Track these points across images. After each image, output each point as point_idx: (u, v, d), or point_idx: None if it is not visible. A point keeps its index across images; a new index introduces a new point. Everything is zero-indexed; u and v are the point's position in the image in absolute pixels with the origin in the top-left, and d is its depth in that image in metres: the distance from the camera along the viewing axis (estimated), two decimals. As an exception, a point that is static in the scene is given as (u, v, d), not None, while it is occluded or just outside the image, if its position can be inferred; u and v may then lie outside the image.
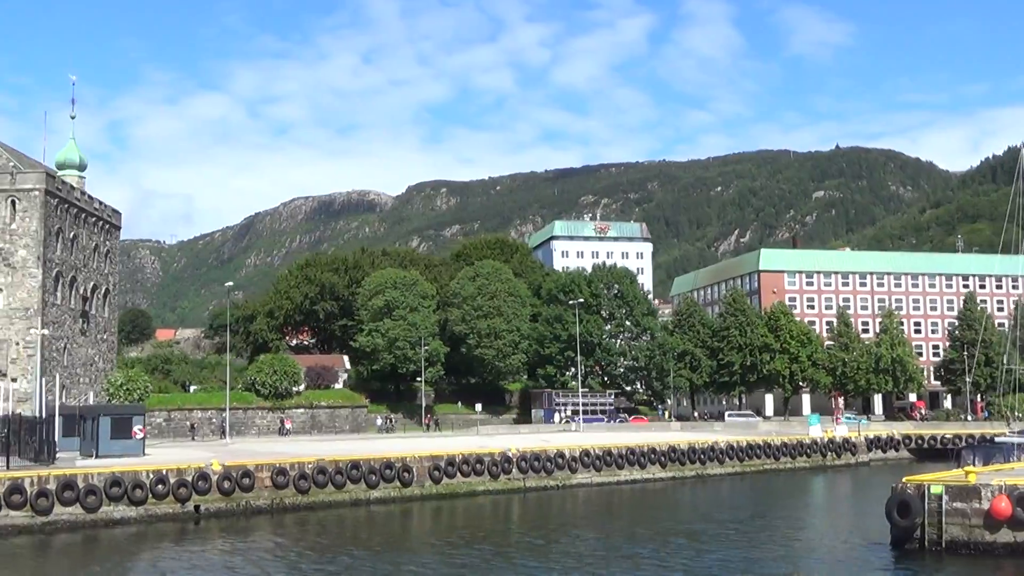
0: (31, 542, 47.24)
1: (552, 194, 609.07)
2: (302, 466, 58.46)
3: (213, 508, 54.51)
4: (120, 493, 51.57)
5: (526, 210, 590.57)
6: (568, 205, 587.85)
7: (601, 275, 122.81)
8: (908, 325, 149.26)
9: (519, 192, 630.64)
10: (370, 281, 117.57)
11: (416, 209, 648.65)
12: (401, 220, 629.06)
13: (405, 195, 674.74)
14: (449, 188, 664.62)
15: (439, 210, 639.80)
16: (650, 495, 69.58)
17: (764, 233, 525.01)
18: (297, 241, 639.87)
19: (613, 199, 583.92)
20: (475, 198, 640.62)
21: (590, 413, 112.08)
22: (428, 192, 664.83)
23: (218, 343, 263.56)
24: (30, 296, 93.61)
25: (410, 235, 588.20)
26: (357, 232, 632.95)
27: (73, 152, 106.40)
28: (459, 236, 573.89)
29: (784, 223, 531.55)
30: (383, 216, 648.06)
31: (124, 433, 63.14)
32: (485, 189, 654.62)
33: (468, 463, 65.23)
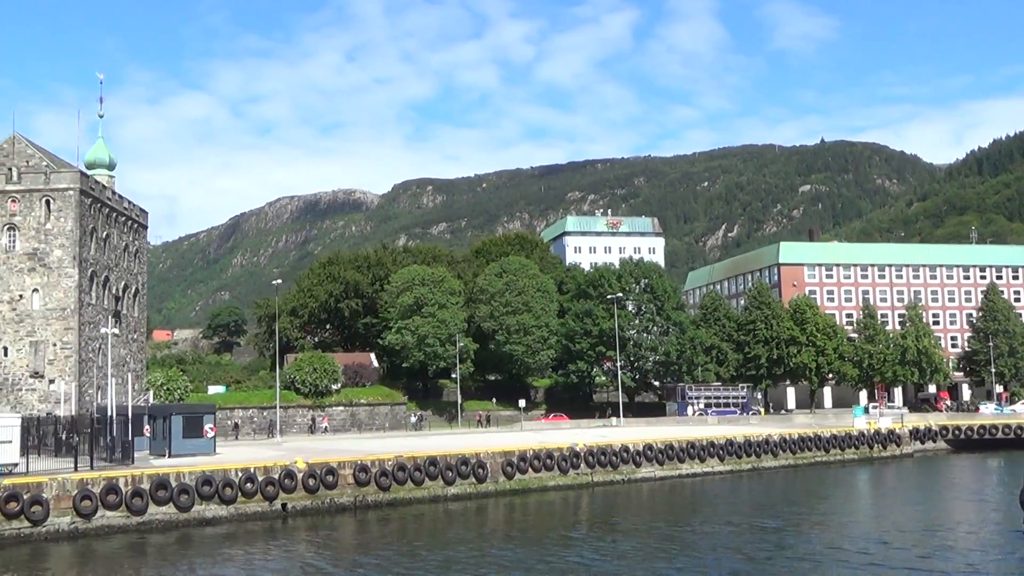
0: (127, 542, 46.68)
1: (538, 191, 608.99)
2: (382, 463, 58.11)
3: (299, 506, 54.16)
4: (211, 492, 51.15)
5: (513, 207, 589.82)
6: (554, 202, 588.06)
7: (630, 269, 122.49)
8: (927, 316, 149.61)
9: (505, 189, 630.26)
10: (397, 278, 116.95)
11: (402, 207, 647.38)
12: (387, 218, 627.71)
13: (391, 193, 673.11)
14: (435, 186, 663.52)
15: (425, 208, 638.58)
16: (735, 487, 69.30)
17: (751, 228, 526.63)
18: (283, 241, 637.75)
19: (600, 195, 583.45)
20: (461, 196, 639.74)
21: (722, 406, 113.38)
22: (414, 190, 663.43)
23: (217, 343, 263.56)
24: (66, 296, 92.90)
25: (397, 233, 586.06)
26: (343, 231, 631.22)
27: (103, 151, 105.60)
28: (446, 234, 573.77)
29: (771, 217, 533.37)
30: (369, 215, 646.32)
31: (196, 432, 62.65)
32: (471, 186, 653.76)
33: (539, 459, 65.02)
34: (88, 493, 47.63)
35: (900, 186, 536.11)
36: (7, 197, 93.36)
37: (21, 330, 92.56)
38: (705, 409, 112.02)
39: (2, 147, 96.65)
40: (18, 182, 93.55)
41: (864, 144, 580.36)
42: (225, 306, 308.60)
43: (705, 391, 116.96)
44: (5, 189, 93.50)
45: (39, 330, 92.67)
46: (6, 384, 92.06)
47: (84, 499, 47.45)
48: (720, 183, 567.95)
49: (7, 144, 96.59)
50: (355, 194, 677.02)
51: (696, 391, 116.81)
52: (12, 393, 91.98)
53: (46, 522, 46.35)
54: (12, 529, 45.57)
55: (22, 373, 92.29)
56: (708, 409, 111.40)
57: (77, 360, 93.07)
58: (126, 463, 56.44)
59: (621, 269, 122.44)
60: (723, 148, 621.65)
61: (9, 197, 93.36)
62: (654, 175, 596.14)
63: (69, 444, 66.08)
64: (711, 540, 45.23)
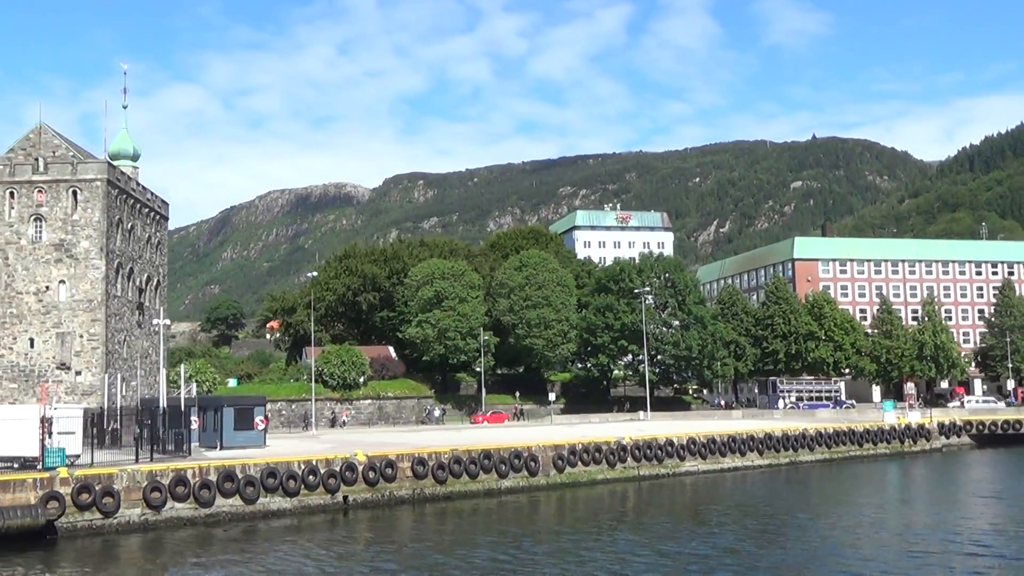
0: (195, 534, 46.38)
1: (530, 186, 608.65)
2: (439, 456, 57.91)
3: (360, 499, 54.00)
4: (275, 484, 50.95)
5: (504, 202, 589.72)
6: (546, 197, 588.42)
7: (650, 264, 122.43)
8: (939, 312, 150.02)
9: (497, 184, 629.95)
10: (416, 272, 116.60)
11: (393, 201, 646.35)
12: (378, 212, 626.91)
13: (382, 187, 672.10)
14: (426, 180, 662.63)
15: (416, 202, 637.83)
16: (777, 480, 69.48)
17: (743, 223, 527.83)
18: (274, 234, 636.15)
19: (591, 190, 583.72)
20: (452, 190, 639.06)
21: (815, 399, 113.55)
22: (405, 184, 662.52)
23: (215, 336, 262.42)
24: (93, 288, 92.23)
25: (388, 227, 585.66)
26: (334, 225, 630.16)
27: (127, 142, 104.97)
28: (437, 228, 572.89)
29: (763, 213, 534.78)
30: (360, 209, 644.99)
31: (247, 424, 62.37)
32: (462, 181, 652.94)
33: (588, 452, 64.97)
34: (158, 485, 47.37)
35: (891, 183, 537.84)
36: (34, 187, 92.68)
37: (47, 321, 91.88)
38: (797, 403, 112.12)
39: (28, 137, 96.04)
40: (45, 172, 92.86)
41: (856, 141, 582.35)
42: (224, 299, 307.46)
43: (797, 384, 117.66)
44: (32, 179, 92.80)
45: (65, 321, 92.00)
46: (32, 375, 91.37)
47: (154, 491, 47.19)
48: (712, 179, 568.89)
49: (33, 134, 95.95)
50: (346, 188, 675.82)
51: (788, 384, 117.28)
52: (39, 385, 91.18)
53: (117, 514, 46.05)
54: (84, 521, 45.28)
55: (48, 365, 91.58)
56: (800, 403, 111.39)
57: (104, 352, 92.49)
58: (182, 455, 56.17)
59: (642, 263, 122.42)
60: (715, 144, 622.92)
61: (36, 187, 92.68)
62: (646, 170, 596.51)
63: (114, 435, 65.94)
64: (783, 535, 45.20)
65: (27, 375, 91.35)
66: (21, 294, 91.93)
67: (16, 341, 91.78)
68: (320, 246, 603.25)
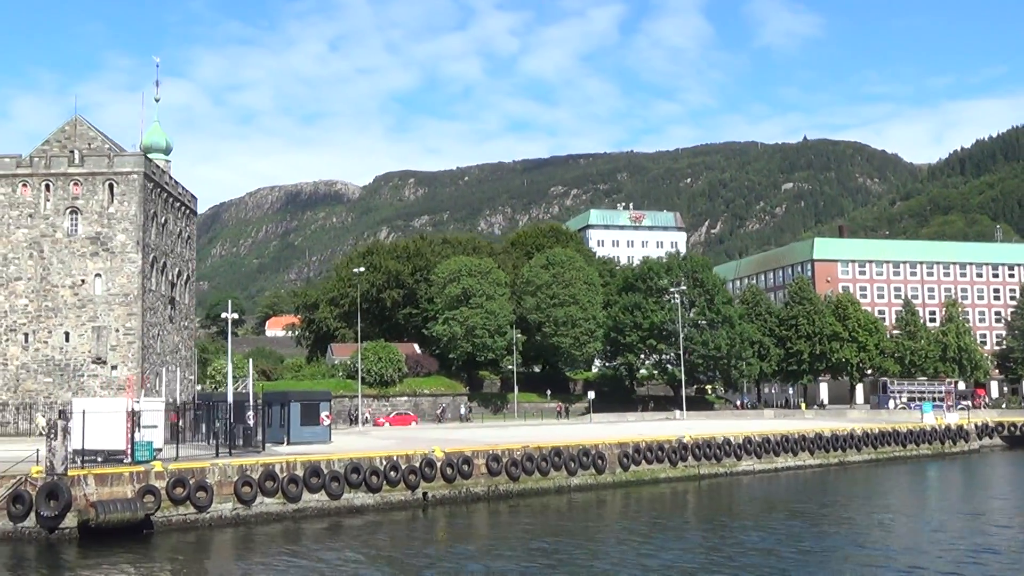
0: (285, 529, 45.98)
1: (521, 185, 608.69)
2: (511, 453, 57.63)
3: (438, 495, 53.70)
4: (359, 480, 50.58)
5: (495, 201, 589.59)
6: (538, 196, 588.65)
7: (678, 262, 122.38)
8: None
9: (488, 183, 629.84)
10: (443, 269, 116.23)
11: (384, 199, 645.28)
12: (369, 210, 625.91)
13: (372, 185, 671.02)
14: (417, 178, 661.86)
15: (407, 200, 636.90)
16: (840, 480, 69.50)
17: (734, 224, 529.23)
18: (264, 231, 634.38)
19: (583, 190, 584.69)
20: (443, 188, 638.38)
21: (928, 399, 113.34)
22: (396, 182, 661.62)
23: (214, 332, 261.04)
24: (129, 282, 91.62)
25: (379, 225, 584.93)
26: (324, 223, 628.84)
27: (159, 135, 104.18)
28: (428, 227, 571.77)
29: (754, 214, 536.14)
30: (351, 207, 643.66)
31: (313, 419, 62.01)
32: (453, 179, 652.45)
33: (651, 450, 64.77)
34: (248, 479, 46.99)
35: (881, 185, 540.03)
36: (70, 180, 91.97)
37: (83, 315, 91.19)
38: (908, 403, 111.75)
39: (63, 129, 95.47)
40: (81, 165, 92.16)
41: (846, 143, 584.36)
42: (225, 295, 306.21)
43: (909, 385, 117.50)
44: (67, 172, 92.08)
45: (101, 315, 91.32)
46: (68, 370, 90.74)
47: (245, 485, 46.82)
48: (703, 179, 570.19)
49: (69, 126, 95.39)
50: (336, 185, 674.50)
51: (900, 384, 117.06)
52: (74, 379, 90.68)
53: (210, 508, 45.60)
54: (179, 515, 44.87)
55: (84, 359, 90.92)
56: (912, 403, 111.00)
57: (140, 347, 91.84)
58: (254, 450, 55.74)
59: (669, 262, 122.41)
60: (706, 144, 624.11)
61: (72, 180, 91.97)
62: (637, 170, 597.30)
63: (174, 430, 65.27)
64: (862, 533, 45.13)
65: (62, 369, 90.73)
66: (56, 287, 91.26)
67: (51, 335, 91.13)
68: (310, 243, 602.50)
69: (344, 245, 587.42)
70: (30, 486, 42.32)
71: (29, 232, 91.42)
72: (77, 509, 42.09)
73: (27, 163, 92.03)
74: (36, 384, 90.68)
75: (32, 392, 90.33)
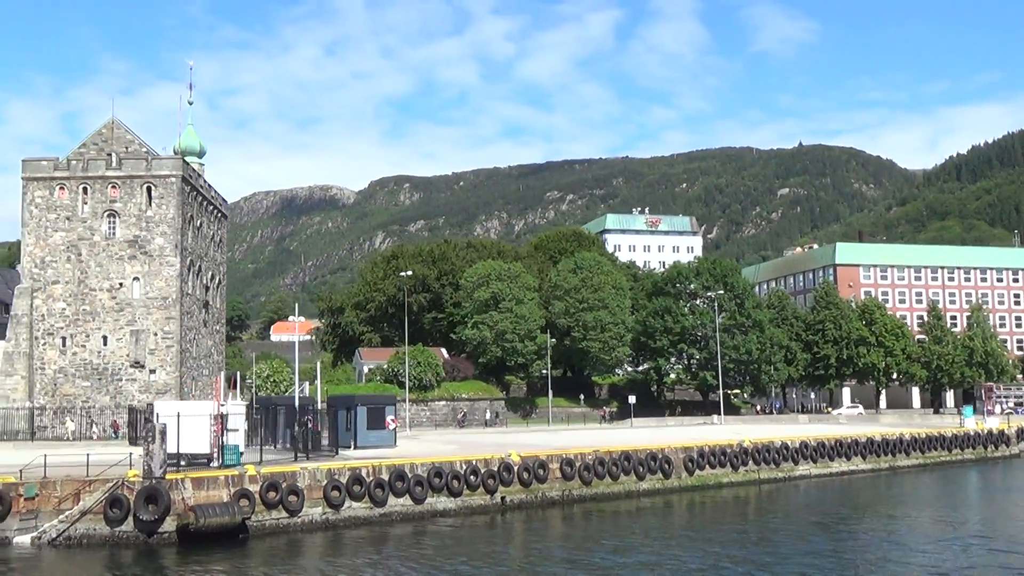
0: (373, 534, 45.58)
1: (517, 190, 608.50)
2: (583, 457, 57.38)
3: (515, 499, 53.40)
4: (441, 484, 50.28)
5: (491, 206, 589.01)
6: (533, 201, 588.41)
7: (707, 266, 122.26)
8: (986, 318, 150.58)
9: (483, 188, 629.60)
10: (472, 273, 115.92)
11: (379, 204, 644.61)
12: (364, 215, 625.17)
13: (368, 190, 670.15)
14: (412, 183, 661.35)
15: (402, 205, 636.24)
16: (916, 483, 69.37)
17: (731, 230, 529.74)
18: (259, 236, 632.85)
19: (578, 195, 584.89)
20: (439, 193, 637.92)
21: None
22: (391, 187, 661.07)
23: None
24: (168, 285, 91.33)
25: (374, 230, 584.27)
26: (319, 227, 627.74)
27: (193, 138, 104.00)
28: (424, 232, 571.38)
29: (750, 220, 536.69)
30: (346, 212, 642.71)
31: (379, 423, 61.59)
32: (448, 184, 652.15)
33: (714, 455, 64.56)
34: (337, 483, 46.69)
35: (877, 191, 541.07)
36: (107, 183, 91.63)
37: (121, 319, 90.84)
38: (1016, 408, 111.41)
39: (100, 132, 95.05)
40: (119, 168, 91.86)
41: (841, 148, 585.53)
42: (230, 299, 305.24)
43: (1016, 390, 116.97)
44: (105, 175, 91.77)
45: (140, 319, 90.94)
46: (106, 374, 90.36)
47: (334, 489, 46.50)
48: (699, 185, 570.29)
49: (106, 129, 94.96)
50: (331, 190, 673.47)
51: (1007, 389, 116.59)
52: (112, 383, 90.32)
53: (301, 512, 45.25)
54: (272, 519, 44.50)
55: (122, 363, 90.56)
56: (1019, 408, 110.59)
57: (179, 350, 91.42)
58: (328, 454, 55.42)
59: (699, 266, 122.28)
60: (701, 150, 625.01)
61: (110, 183, 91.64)
62: (633, 176, 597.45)
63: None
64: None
65: (100, 373, 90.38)
66: (94, 291, 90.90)
67: (89, 338, 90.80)
68: (305, 248, 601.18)
69: (340, 250, 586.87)
70: (127, 490, 41.95)
71: (67, 235, 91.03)
72: (176, 513, 41.72)
73: (64, 166, 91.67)
74: (74, 388, 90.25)
75: (70, 396, 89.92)
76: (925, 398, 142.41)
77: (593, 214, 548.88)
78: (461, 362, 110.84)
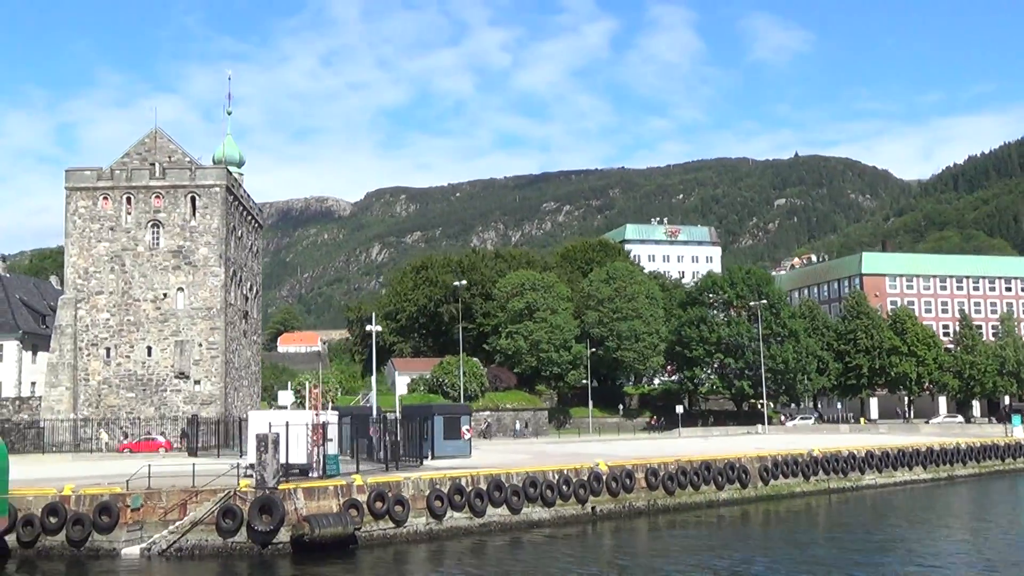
0: (473, 545, 45.15)
1: (513, 201, 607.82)
2: (666, 467, 57.02)
3: (604, 509, 53.03)
4: (536, 495, 49.87)
5: (488, 217, 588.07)
6: (530, 212, 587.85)
7: (741, 276, 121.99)
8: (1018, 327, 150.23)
9: (479, 199, 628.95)
10: (506, 282, 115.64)
11: (375, 216, 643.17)
12: (361, 227, 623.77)
13: (364, 202, 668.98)
14: (408, 195, 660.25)
15: (399, 217, 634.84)
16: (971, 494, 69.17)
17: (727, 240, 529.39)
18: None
19: (575, 206, 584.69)
20: (435, 204, 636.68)
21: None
22: (387, 199, 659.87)
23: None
24: (212, 296, 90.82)
25: (371, 242, 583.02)
26: (316, 239, 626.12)
27: (233, 148, 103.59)
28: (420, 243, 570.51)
29: (747, 230, 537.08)
30: (342, 223, 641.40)
31: (455, 433, 61.16)
32: (445, 195, 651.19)
33: (787, 464, 64.23)
34: (439, 493, 46.31)
35: (873, 201, 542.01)
36: (151, 193, 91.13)
37: (165, 329, 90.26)
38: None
39: (143, 142, 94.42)
40: (162, 178, 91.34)
41: (838, 159, 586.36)
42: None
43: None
44: (149, 185, 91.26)
45: (184, 330, 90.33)
46: (150, 384, 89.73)
47: (436, 499, 46.08)
48: (695, 195, 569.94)
49: (149, 139, 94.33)
50: (327, 202, 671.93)
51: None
52: (156, 394, 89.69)
53: (406, 523, 44.82)
54: (379, 529, 44.07)
55: (167, 373, 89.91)
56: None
57: (224, 361, 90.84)
58: (413, 464, 54.97)
59: (732, 276, 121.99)
60: (698, 160, 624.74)
61: (153, 193, 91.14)
62: (629, 187, 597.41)
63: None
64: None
65: (145, 384, 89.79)
66: (138, 301, 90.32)
67: (133, 349, 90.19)
68: (302, 260, 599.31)
69: (336, 262, 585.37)
70: (239, 500, 41.48)
71: (110, 245, 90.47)
72: (290, 524, 41.25)
73: (108, 176, 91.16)
74: (118, 399, 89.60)
75: (114, 407, 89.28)
76: (950, 408, 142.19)
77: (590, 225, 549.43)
78: (503, 372, 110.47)
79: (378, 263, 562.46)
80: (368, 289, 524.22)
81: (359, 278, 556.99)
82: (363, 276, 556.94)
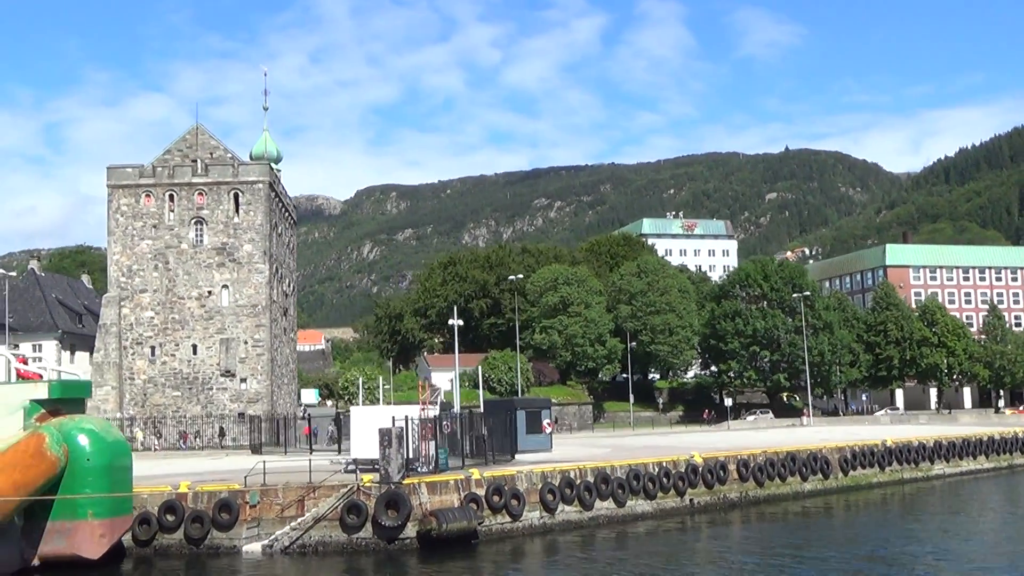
0: (583, 538, 44.79)
1: (504, 197, 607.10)
2: (755, 458, 56.77)
3: (701, 501, 52.71)
4: (639, 487, 49.51)
5: (479, 213, 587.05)
6: (521, 208, 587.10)
7: (774, 268, 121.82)
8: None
9: (470, 195, 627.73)
10: (539, 277, 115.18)
11: (366, 214, 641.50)
12: (351, 225, 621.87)
13: (354, 199, 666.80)
14: (399, 192, 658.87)
15: (389, 214, 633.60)
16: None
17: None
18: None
19: (566, 202, 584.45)
20: (426, 202, 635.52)
21: None
22: (378, 196, 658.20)
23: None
24: (257, 292, 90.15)
25: (362, 240, 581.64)
26: (307, 237, 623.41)
27: (270, 144, 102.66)
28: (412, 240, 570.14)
29: (739, 224, 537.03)
30: (332, 221, 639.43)
31: (536, 427, 60.70)
32: (435, 193, 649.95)
33: (864, 455, 64.08)
34: (551, 487, 45.89)
35: (864, 195, 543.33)
36: (194, 190, 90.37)
37: (211, 327, 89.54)
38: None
39: (184, 139, 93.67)
40: (205, 175, 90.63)
41: (827, 153, 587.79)
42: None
43: None
44: (192, 182, 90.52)
45: (229, 327, 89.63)
46: (196, 383, 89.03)
47: (548, 493, 45.66)
48: (686, 190, 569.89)
49: (190, 135, 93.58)
50: (318, 200, 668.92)
51: None
52: (203, 392, 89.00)
53: (522, 517, 44.43)
54: (497, 524, 43.66)
55: (212, 371, 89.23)
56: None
57: (270, 358, 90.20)
58: (504, 459, 54.44)
59: (765, 268, 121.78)
60: (688, 155, 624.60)
61: (196, 190, 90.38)
62: (620, 182, 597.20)
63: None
64: None
65: (191, 382, 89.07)
66: (183, 299, 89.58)
67: (179, 347, 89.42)
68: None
69: (328, 260, 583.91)
70: (364, 495, 40.94)
71: (154, 243, 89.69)
72: (416, 519, 40.75)
73: (150, 173, 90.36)
74: (164, 398, 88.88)
75: (160, 406, 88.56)
76: (975, 399, 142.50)
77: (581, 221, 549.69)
78: (545, 367, 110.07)
79: (369, 261, 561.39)
80: (360, 288, 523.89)
81: (351, 276, 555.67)
82: (355, 274, 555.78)
